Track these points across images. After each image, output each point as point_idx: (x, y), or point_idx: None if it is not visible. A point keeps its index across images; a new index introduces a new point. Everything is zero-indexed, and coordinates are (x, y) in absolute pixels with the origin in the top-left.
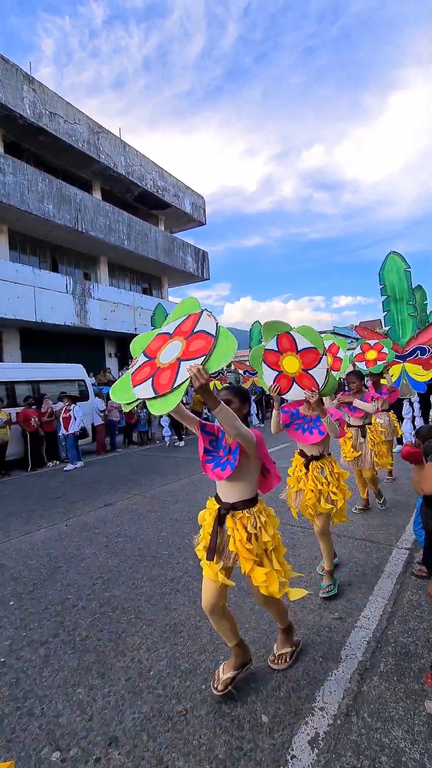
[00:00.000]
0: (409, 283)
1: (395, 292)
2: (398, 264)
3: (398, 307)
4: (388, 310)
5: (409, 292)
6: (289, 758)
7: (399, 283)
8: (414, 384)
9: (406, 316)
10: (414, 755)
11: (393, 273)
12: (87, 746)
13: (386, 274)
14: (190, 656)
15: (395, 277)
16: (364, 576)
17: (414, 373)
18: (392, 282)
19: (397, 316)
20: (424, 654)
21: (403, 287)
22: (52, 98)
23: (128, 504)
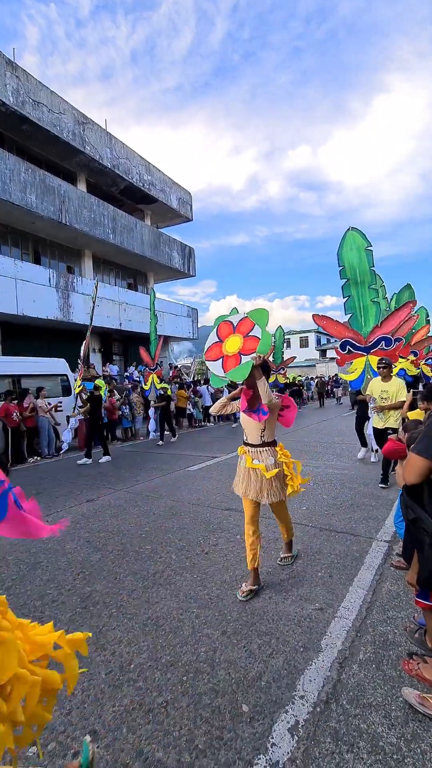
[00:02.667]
0: (371, 263)
1: (356, 275)
2: (358, 241)
3: (359, 291)
4: (348, 295)
5: (371, 274)
6: (269, 746)
7: (360, 264)
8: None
9: (368, 302)
10: (391, 739)
11: (353, 252)
12: (65, 740)
13: (345, 254)
14: (171, 649)
15: (355, 257)
16: (345, 568)
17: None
18: (352, 262)
19: (359, 301)
20: (402, 642)
21: (364, 269)
22: (36, 86)
23: (111, 499)
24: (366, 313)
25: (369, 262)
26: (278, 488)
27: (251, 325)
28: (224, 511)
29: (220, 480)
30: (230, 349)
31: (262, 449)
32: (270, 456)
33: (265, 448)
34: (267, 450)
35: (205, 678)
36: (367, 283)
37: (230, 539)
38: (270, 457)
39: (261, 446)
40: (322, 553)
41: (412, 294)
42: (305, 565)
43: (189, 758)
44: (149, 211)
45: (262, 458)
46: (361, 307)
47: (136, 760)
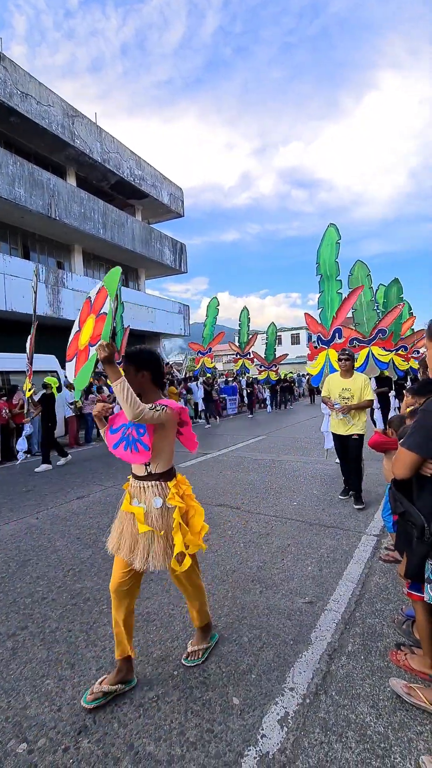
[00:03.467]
0: (336, 255)
1: (326, 269)
2: (332, 236)
3: (329, 285)
4: (322, 290)
5: (336, 266)
6: (259, 737)
7: (329, 258)
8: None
9: (334, 294)
10: (378, 728)
11: (327, 248)
12: (56, 736)
13: (322, 250)
14: (162, 644)
15: (327, 251)
16: (334, 562)
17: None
18: (325, 258)
19: (327, 295)
20: (390, 633)
21: (332, 261)
22: (24, 78)
23: (102, 496)
24: (331, 307)
25: (335, 254)
26: (162, 548)
27: (104, 297)
28: (216, 507)
29: (212, 476)
30: (83, 340)
31: (147, 484)
32: (156, 495)
33: (151, 483)
34: (154, 486)
35: (196, 672)
36: (333, 275)
37: (221, 535)
38: (156, 498)
39: (146, 479)
40: (312, 547)
41: (400, 289)
42: (295, 559)
43: (180, 751)
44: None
45: (144, 498)
46: (329, 301)
47: (127, 753)
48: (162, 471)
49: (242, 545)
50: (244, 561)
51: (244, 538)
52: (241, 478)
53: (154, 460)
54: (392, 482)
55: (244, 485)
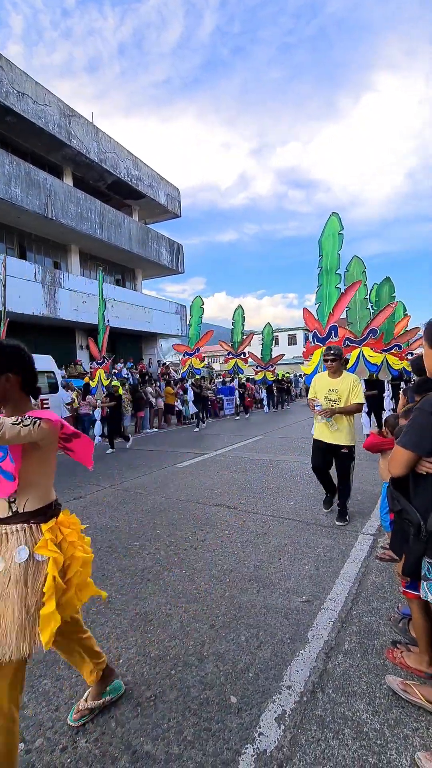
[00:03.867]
0: (339, 247)
1: (327, 262)
2: (334, 227)
3: (328, 279)
4: (320, 284)
5: (337, 259)
6: (257, 735)
7: (331, 251)
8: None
9: (332, 289)
10: (375, 725)
11: (329, 239)
12: (53, 736)
13: (324, 241)
14: (160, 643)
15: (330, 243)
16: (331, 561)
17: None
18: (327, 249)
19: (326, 289)
20: (386, 631)
21: (333, 253)
22: (21, 77)
23: (99, 496)
24: (329, 302)
25: (338, 246)
26: (16, 624)
27: None
28: (213, 507)
29: (209, 476)
30: None
31: (11, 529)
32: (21, 545)
33: (15, 528)
34: (20, 531)
35: (193, 671)
36: (334, 268)
37: (219, 535)
38: (21, 548)
39: (8, 521)
40: (309, 546)
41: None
42: (292, 559)
43: (177, 750)
44: (137, 206)
45: (5, 550)
46: (326, 295)
47: (125, 753)
48: (33, 509)
49: (239, 545)
50: (242, 560)
51: (241, 537)
52: (238, 478)
53: (21, 493)
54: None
55: (241, 485)
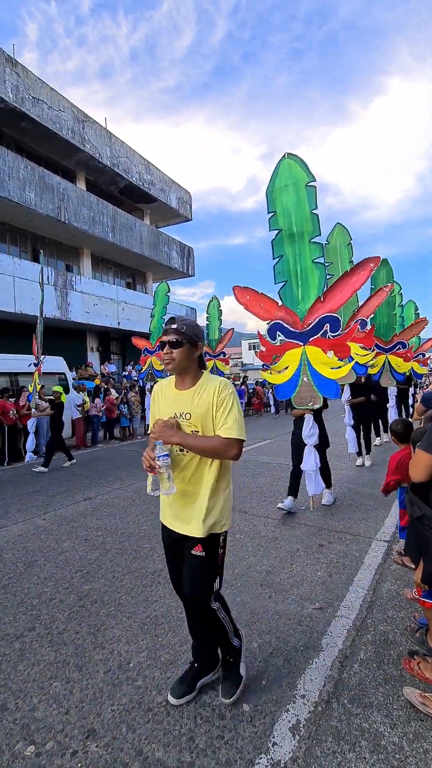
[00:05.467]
0: (313, 205)
1: (291, 224)
2: (297, 174)
3: (296, 249)
4: (280, 255)
5: (312, 221)
6: (271, 745)
7: (297, 208)
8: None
9: (308, 263)
10: (393, 739)
11: (288, 191)
12: (63, 739)
13: (277, 193)
14: (170, 648)
15: (291, 197)
16: (344, 567)
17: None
18: (286, 205)
19: (295, 263)
20: (402, 641)
21: (304, 214)
22: (36, 83)
23: (109, 498)
24: (304, 282)
25: (310, 204)
26: None
27: None
28: None
29: None
30: None
31: None
32: None
33: None
34: None
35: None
36: (307, 235)
37: (229, 539)
38: None
39: None
40: (322, 552)
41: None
42: (304, 564)
43: (189, 757)
44: (149, 210)
45: None
46: (298, 273)
47: (136, 759)
48: None
49: (251, 549)
50: (253, 565)
51: (252, 542)
52: (248, 481)
53: None
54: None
55: (252, 489)
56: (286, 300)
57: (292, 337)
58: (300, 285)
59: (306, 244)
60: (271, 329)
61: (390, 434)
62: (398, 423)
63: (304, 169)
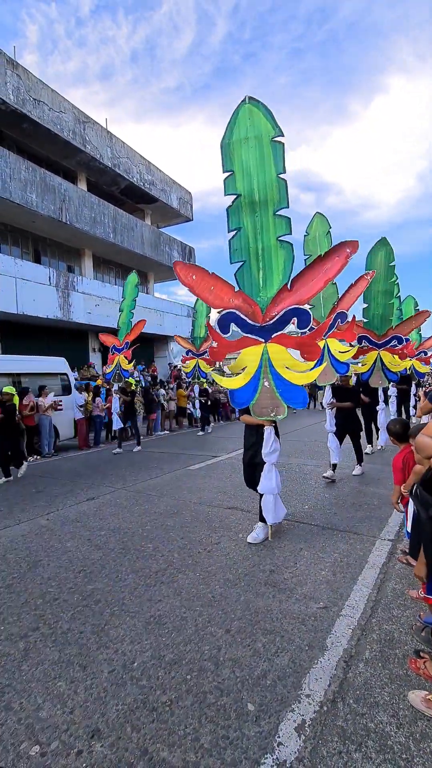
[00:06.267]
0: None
1: (251, 187)
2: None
3: (256, 220)
4: (237, 228)
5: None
6: (276, 745)
7: (260, 169)
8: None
9: (272, 241)
10: (399, 739)
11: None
12: (68, 739)
13: (235, 147)
14: (175, 647)
15: (253, 154)
16: (348, 567)
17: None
18: (246, 164)
19: (255, 240)
20: (408, 640)
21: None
22: (37, 85)
23: (112, 498)
24: (267, 263)
25: (277, 165)
26: None
27: None
28: (226, 509)
29: (222, 479)
30: None
31: None
32: None
33: None
34: None
35: (209, 676)
36: (271, 205)
37: (233, 538)
38: None
39: None
40: (326, 551)
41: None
42: (308, 563)
43: (194, 757)
44: (149, 210)
45: None
46: (259, 252)
47: (141, 759)
48: None
49: (254, 548)
50: (257, 564)
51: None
52: None
53: None
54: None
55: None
56: (244, 285)
57: (251, 332)
58: (261, 267)
59: (270, 217)
60: (223, 320)
61: (388, 435)
62: (396, 423)
63: (269, 120)
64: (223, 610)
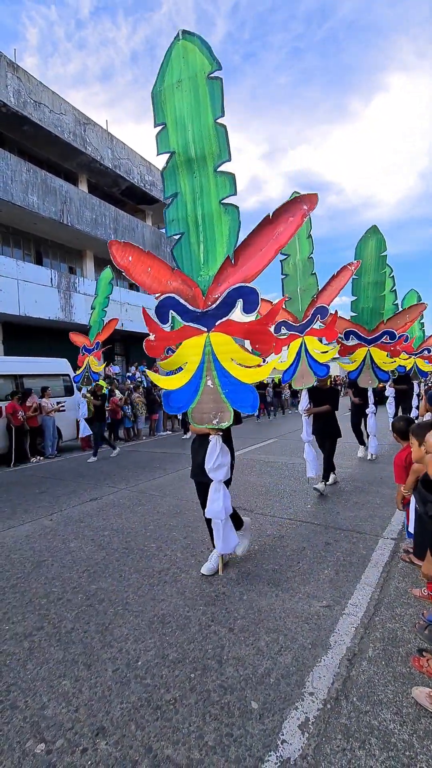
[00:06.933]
0: (218, 112)
1: (187, 141)
2: (194, 63)
3: (195, 182)
4: (173, 194)
5: (219, 138)
6: (280, 743)
7: (195, 117)
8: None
9: (214, 205)
10: (403, 736)
11: (182, 91)
12: (73, 737)
13: (167, 94)
14: (178, 646)
15: (187, 100)
16: (351, 565)
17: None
18: (180, 114)
19: (194, 206)
20: (411, 639)
21: (205, 125)
22: (37, 87)
23: (115, 498)
24: (209, 234)
25: (214, 108)
26: None
27: None
28: None
29: None
30: None
31: None
32: None
33: None
34: None
35: (213, 675)
36: (211, 160)
37: None
38: None
39: None
40: (328, 550)
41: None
42: (311, 562)
43: (199, 755)
44: (150, 211)
45: None
46: (199, 220)
47: (145, 756)
48: None
49: (257, 548)
50: (259, 564)
51: (258, 540)
52: (253, 480)
53: None
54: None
55: (257, 488)
56: (183, 262)
57: (192, 320)
58: (203, 240)
59: (210, 175)
60: (161, 307)
61: (392, 432)
62: (401, 420)
63: (205, 54)
64: (227, 609)
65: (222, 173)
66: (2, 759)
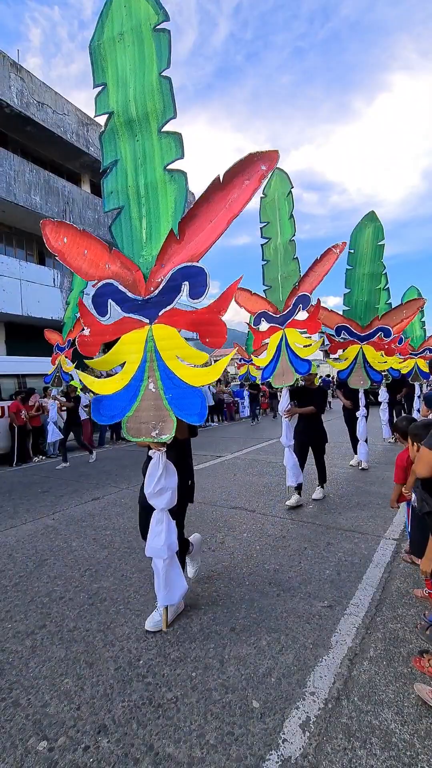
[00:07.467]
0: (164, 64)
1: (127, 99)
2: (137, 12)
3: (137, 146)
4: (113, 161)
5: (163, 94)
6: (281, 742)
7: (137, 72)
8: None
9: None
10: (404, 736)
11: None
12: (75, 735)
13: (107, 48)
14: (180, 645)
15: (130, 55)
16: (353, 566)
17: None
18: (122, 71)
19: (136, 174)
20: (413, 639)
21: (148, 80)
22: (40, 88)
23: (117, 498)
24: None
25: (160, 61)
26: None
27: None
28: (230, 509)
29: (225, 479)
30: None
31: None
32: None
33: None
34: None
35: (214, 674)
36: (154, 119)
37: (237, 537)
38: None
39: None
40: (330, 551)
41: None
42: (312, 563)
43: (200, 753)
44: None
45: None
46: (140, 191)
47: (147, 754)
48: None
49: (258, 548)
50: (261, 564)
51: (259, 540)
52: (254, 480)
53: None
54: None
55: (259, 488)
56: (123, 242)
57: (132, 310)
58: (145, 214)
59: (153, 137)
60: (98, 296)
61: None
62: (404, 420)
63: (150, 2)
64: (228, 609)
65: (167, 134)
66: (5, 756)
